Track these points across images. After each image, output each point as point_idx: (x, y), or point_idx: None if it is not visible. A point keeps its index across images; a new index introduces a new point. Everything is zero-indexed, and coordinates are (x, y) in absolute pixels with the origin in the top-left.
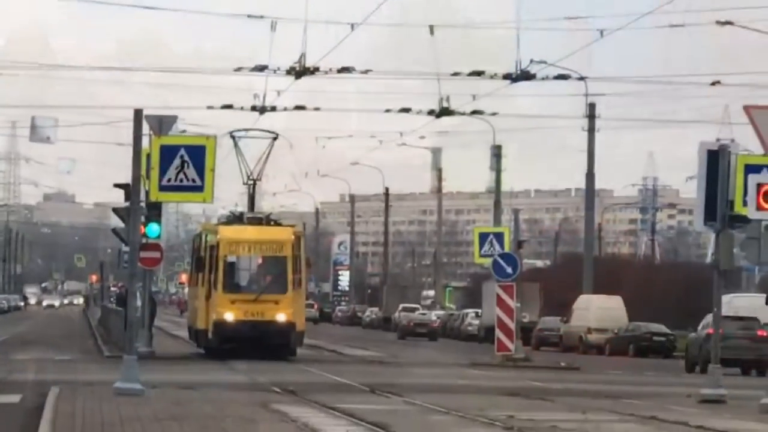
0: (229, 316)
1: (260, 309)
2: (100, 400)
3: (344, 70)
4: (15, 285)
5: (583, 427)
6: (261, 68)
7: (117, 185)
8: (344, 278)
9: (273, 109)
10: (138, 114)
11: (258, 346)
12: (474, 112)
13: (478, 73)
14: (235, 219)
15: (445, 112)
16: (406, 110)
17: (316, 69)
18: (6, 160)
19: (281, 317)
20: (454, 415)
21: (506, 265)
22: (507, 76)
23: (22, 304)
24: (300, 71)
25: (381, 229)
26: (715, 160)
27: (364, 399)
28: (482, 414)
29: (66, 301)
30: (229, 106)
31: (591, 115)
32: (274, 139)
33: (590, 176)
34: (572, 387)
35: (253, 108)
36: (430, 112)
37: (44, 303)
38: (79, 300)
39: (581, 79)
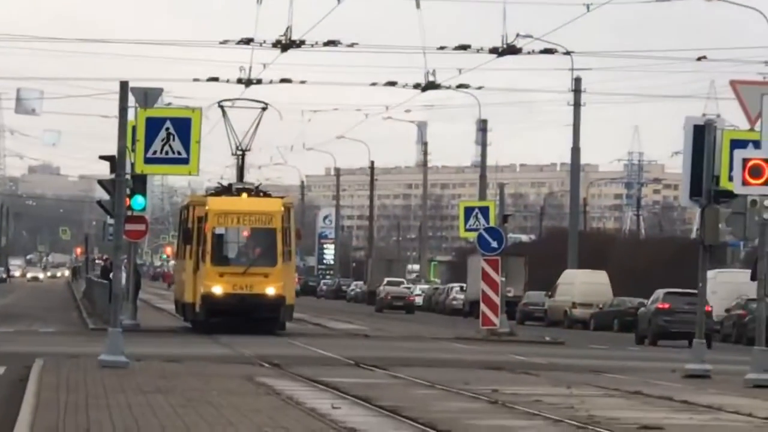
0: (218, 290)
1: (249, 282)
2: (84, 372)
3: (330, 43)
4: None
5: (568, 402)
6: (247, 41)
7: (102, 157)
8: (329, 252)
9: (259, 81)
10: (124, 86)
11: (247, 320)
12: (460, 86)
13: (464, 47)
14: (224, 190)
15: (431, 85)
16: (392, 84)
17: (302, 42)
18: None
19: (271, 291)
20: (438, 389)
21: (491, 240)
22: (493, 50)
23: (5, 276)
24: (286, 44)
25: (366, 202)
26: (701, 135)
27: (348, 372)
28: (466, 388)
29: (50, 274)
30: (215, 79)
31: (577, 89)
32: (264, 108)
33: (576, 151)
34: (557, 361)
35: (239, 81)
36: (416, 86)
37: (28, 275)
38: (64, 272)
39: (567, 53)
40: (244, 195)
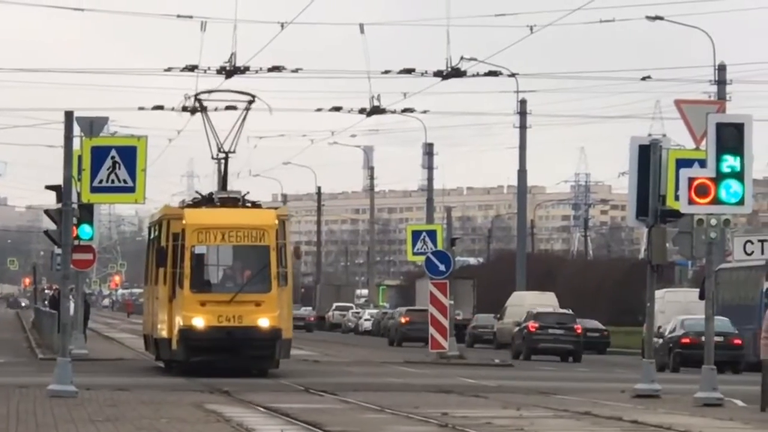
0: (199, 322)
1: (238, 312)
2: (34, 403)
3: (274, 69)
4: None
5: (518, 424)
6: (191, 68)
7: (48, 187)
8: None
9: (204, 109)
10: (69, 116)
11: (235, 359)
12: (405, 110)
13: (409, 71)
14: (204, 200)
15: (376, 110)
16: (337, 109)
17: (247, 68)
18: None
19: (264, 322)
20: (388, 413)
21: (439, 263)
22: (438, 74)
23: None
24: (230, 71)
25: (314, 228)
26: (647, 155)
27: (298, 398)
28: (416, 411)
29: None
30: (160, 107)
31: (522, 111)
32: (251, 101)
33: (522, 173)
34: (506, 384)
35: (184, 108)
36: (361, 111)
37: None
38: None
39: (512, 75)
40: (229, 206)
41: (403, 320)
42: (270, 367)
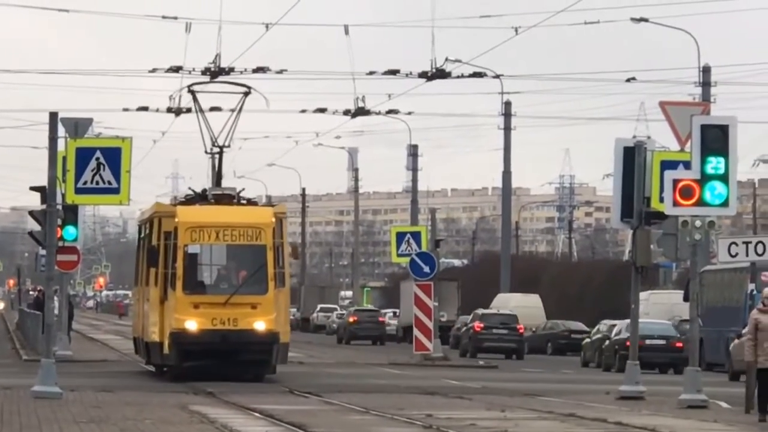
0: (192, 325)
1: (233, 315)
2: (18, 404)
3: (259, 70)
4: None
5: (502, 425)
6: (176, 69)
7: (33, 188)
8: None
9: (189, 110)
10: (53, 117)
11: (230, 364)
12: (390, 112)
13: (394, 72)
14: (198, 197)
15: (360, 111)
16: (322, 110)
17: (231, 69)
18: None
19: (260, 325)
20: (372, 415)
21: (424, 265)
22: (422, 75)
23: None
24: (215, 72)
25: (298, 230)
26: (631, 157)
27: (282, 399)
28: (401, 413)
29: None
30: (145, 108)
31: (507, 113)
32: (246, 93)
33: (507, 174)
34: (490, 385)
35: (169, 110)
36: (346, 112)
37: None
38: None
39: (497, 77)
40: (224, 203)
41: (350, 320)
42: (266, 373)
